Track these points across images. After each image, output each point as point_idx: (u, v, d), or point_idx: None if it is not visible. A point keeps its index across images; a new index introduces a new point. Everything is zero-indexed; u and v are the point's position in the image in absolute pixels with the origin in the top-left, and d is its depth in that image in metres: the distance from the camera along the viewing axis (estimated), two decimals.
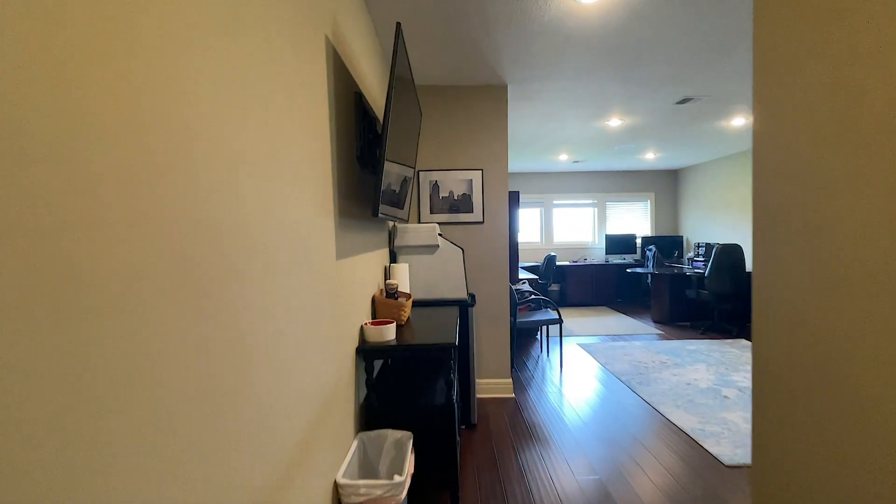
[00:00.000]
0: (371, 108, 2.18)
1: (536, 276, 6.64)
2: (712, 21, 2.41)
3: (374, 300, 2.21)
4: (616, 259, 8.17)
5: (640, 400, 3.33)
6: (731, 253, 5.17)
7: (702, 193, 7.55)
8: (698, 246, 7.09)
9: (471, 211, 3.38)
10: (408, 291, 2.56)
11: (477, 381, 3.49)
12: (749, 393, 3.35)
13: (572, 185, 8.28)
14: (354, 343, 1.79)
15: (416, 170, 3.36)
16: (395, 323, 1.93)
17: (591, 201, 8.36)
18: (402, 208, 2.76)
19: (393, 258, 2.90)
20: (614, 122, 4.53)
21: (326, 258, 1.38)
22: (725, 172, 6.89)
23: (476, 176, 3.38)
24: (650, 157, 6.82)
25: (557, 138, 5.34)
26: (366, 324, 1.90)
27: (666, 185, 8.37)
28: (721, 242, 7.02)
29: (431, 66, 2.99)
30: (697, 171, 7.65)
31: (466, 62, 2.92)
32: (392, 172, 2.13)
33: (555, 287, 7.85)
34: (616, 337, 5.36)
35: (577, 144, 5.74)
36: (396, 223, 2.90)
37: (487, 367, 3.49)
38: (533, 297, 4.62)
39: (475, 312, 3.47)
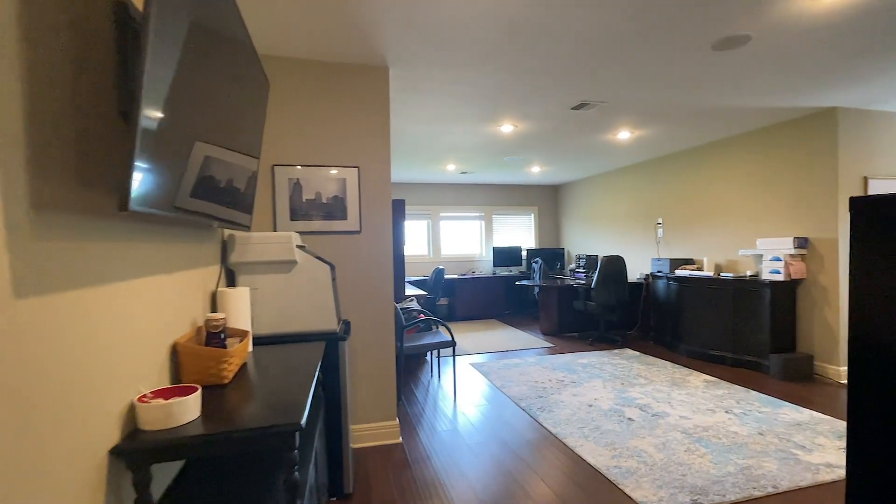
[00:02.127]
0: None
1: (425, 292, 6.13)
2: (621, 14, 2.10)
3: (175, 351, 1.42)
4: (503, 271, 8.06)
5: (544, 431, 2.92)
6: (615, 264, 5.20)
7: (580, 208, 7.79)
8: (579, 258, 7.24)
9: (344, 218, 2.70)
10: (245, 328, 1.80)
11: (354, 428, 2.79)
12: (651, 412, 3.16)
13: (460, 197, 8.01)
14: (109, 439, 1.01)
15: (272, 165, 2.60)
16: (198, 391, 1.18)
17: (478, 214, 8.17)
18: (248, 212, 2.00)
19: (230, 279, 2.10)
20: (507, 127, 4.22)
21: None
22: (602, 189, 7.15)
23: (350, 175, 2.72)
24: (536, 171, 6.79)
25: (446, 145, 4.92)
26: (143, 398, 1.12)
27: (548, 200, 8.54)
28: (598, 254, 7.25)
29: (286, 31, 2.29)
30: (577, 186, 7.89)
31: (334, 28, 2.27)
32: (226, 160, 1.39)
33: (444, 301, 7.44)
34: (509, 353, 5.04)
35: (466, 153, 5.39)
36: (234, 231, 2.11)
37: (367, 410, 2.81)
38: (422, 317, 4.06)
39: (351, 344, 2.78)
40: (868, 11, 2.21)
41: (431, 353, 4.87)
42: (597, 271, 5.27)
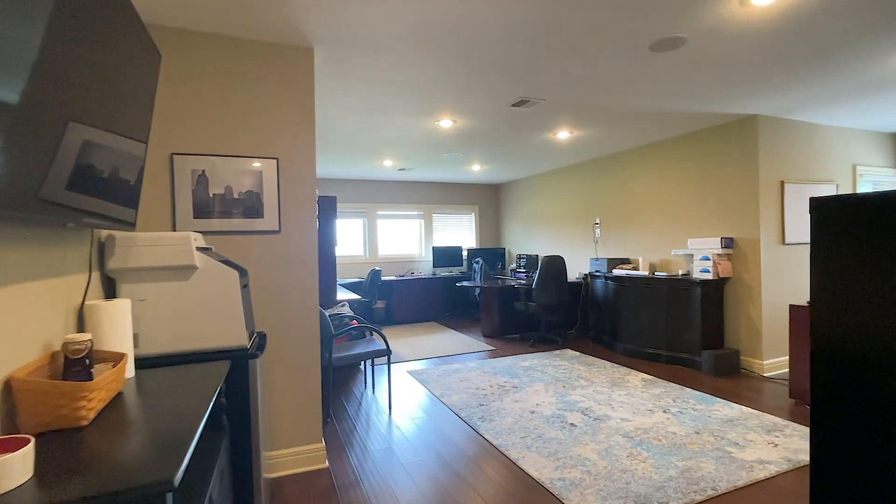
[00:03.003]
0: None
1: (359, 295, 5.83)
2: (559, 8, 1.98)
3: (9, 387, 1.07)
4: (444, 272, 7.91)
5: (486, 444, 2.76)
6: (555, 264, 5.19)
7: (521, 207, 7.81)
8: (520, 258, 7.24)
9: (260, 216, 2.38)
10: (124, 349, 1.46)
11: (271, 455, 2.47)
12: (593, 416, 3.10)
13: (398, 194, 7.75)
14: None
15: (171, 153, 2.22)
16: (30, 444, 0.87)
17: (417, 213, 7.96)
18: (132, 206, 1.65)
19: (111, 289, 1.73)
20: (445, 122, 4.04)
21: None
22: (542, 188, 7.20)
23: (268, 167, 2.40)
24: (476, 170, 6.70)
25: (383, 139, 4.65)
26: None
27: (489, 199, 8.50)
28: (539, 254, 7.30)
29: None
30: (518, 185, 7.90)
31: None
32: (96, 141, 1.07)
33: (381, 304, 7.15)
34: (449, 358, 4.88)
35: (404, 148, 5.15)
36: (113, 231, 1.74)
37: (288, 433, 2.50)
38: (355, 324, 3.78)
39: (268, 360, 2.46)
40: (788, 23, 2.24)
41: (365, 363, 4.58)
42: (537, 271, 5.24)
